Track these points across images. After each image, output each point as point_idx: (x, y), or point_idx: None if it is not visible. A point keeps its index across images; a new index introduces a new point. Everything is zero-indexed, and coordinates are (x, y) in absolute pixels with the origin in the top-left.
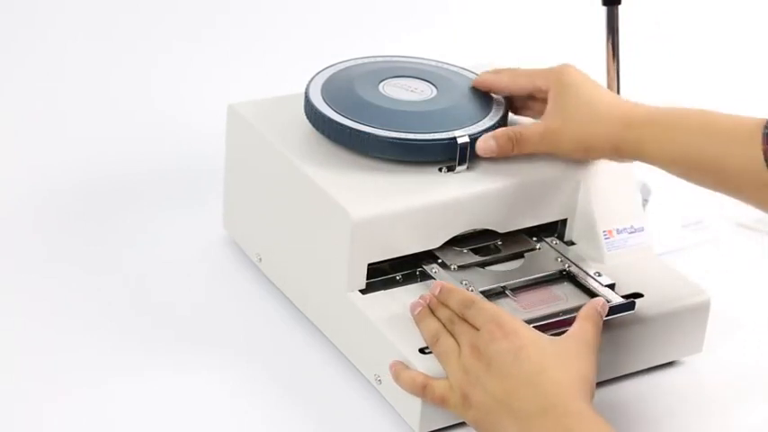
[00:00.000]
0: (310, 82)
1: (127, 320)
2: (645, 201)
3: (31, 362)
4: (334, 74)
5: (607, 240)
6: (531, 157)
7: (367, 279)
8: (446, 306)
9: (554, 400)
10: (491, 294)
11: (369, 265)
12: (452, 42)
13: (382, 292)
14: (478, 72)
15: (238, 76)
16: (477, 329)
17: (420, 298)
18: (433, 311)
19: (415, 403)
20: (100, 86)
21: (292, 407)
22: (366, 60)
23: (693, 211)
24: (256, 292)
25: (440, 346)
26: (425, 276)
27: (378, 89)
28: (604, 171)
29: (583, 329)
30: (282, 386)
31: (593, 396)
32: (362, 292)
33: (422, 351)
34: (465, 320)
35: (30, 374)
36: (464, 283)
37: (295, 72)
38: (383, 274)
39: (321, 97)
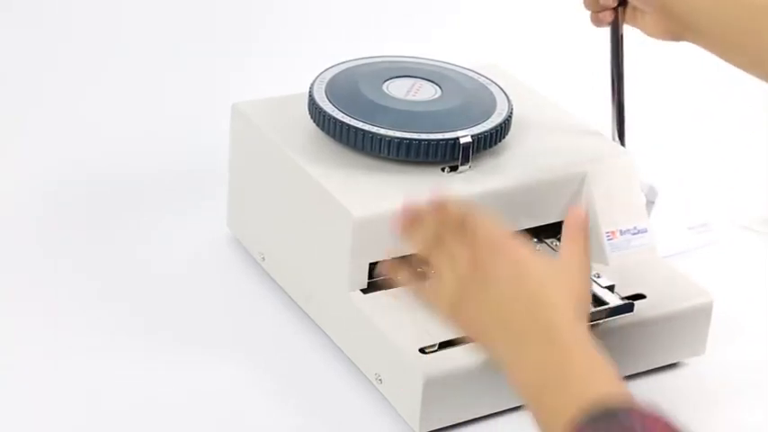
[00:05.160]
0: (314, 81)
1: (127, 319)
2: (651, 203)
3: (31, 361)
4: (338, 73)
5: (610, 241)
6: (532, 157)
7: (368, 279)
8: (441, 218)
9: (548, 314)
10: None
11: (370, 264)
12: (457, 43)
13: (383, 291)
14: (482, 72)
15: (243, 76)
16: (475, 243)
17: (409, 206)
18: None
19: (415, 403)
20: (104, 85)
21: (293, 406)
22: (370, 60)
23: (699, 213)
24: (259, 290)
25: (434, 257)
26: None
27: (382, 89)
28: (607, 171)
29: (571, 253)
30: (283, 385)
31: (587, 314)
32: (364, 291)
33: (422, 351)
34: (462, 233)
35: (29, 374)
36: None
37: (299, 71)
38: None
39: (325, 97)
